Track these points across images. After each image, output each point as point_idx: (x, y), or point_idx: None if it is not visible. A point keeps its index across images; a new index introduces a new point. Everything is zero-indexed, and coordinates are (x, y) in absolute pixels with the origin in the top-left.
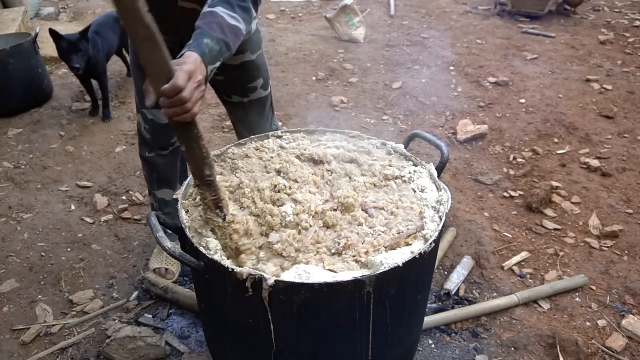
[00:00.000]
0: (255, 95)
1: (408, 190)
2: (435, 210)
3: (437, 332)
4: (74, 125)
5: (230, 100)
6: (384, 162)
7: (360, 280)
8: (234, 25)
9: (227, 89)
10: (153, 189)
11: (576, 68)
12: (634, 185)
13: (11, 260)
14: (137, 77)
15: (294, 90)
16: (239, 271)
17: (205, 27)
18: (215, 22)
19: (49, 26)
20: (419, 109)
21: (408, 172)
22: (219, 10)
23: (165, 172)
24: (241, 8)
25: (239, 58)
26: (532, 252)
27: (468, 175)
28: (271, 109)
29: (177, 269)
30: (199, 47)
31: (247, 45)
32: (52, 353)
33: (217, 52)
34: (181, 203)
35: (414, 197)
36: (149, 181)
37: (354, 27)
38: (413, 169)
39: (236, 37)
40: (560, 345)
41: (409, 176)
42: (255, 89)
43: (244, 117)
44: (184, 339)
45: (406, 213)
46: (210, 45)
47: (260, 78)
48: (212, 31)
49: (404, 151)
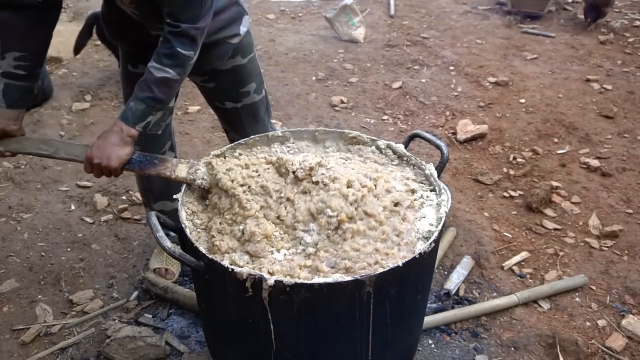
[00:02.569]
0: (249, 100)
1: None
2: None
3: (437, 332)
4: (74, 125)
5: (223, 106)
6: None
7: (360, 280)
8: (161, 78)
9: (220, 96)
10: (150, 204)
11: (576, 68)
12: (634, 185)
13: (11, 260)
14: (126, 85)
15: (294, 90)
16: (239, 271)
17: (136, 88)
18: (144, 81)
19: None
20: (419, 109)
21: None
22: (149, 66)
23: (160, 186)
24: (166, 56)
25: (229, 63)
26: (532, 252)
27: (468, 175)
28: (267, 112)
29: (177, 269)
30: (124, 113)
31: (238, 50)
32: (52, 353)
33: (143, 110)
34: (181, 203)
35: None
36: (144, 197)
37: (354, 27)
38: (426, 194)
39: (166, 86)
40: (560, 345)
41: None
42: (249, 93)
43: (238, 123)
44: (184, 339)
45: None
46: (134, 107)
47: (253, 82)
48: (140, 92)
49: (404, 151)
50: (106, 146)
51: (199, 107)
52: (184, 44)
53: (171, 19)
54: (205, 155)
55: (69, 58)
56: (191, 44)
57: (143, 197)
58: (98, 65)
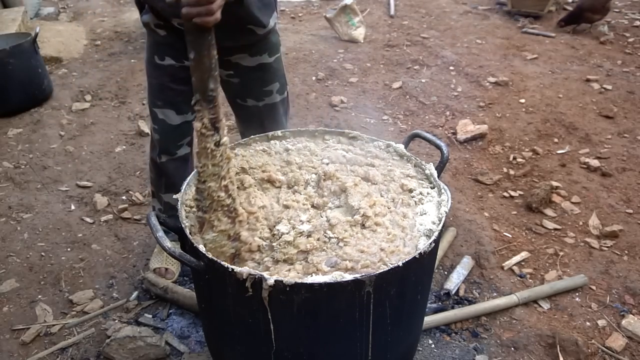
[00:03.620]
0: (271, 100)
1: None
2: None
3: (437, 332)
4: (74, 125)
5: (245, 104)
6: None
7: (360, 280)
8: None
9: (243, 92)
10: (160, 192)
11: (576, 68)
12: (634, 185)
13: (11, 260)
14: (151, 76)
15: (294, 90)
16: (239, 271)
17: None
18: None
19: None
20: (419, 109)
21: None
22: None
23: (174, 178)
24: None
25: (255, 60)
26: (532, 252)
27: (468, 175)
28: (285, 115)
29: (177, 269)
30: None
31: (265, 47)
32: (52, 353)
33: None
34: (181, 203)
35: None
36: (156, 184)
37: (354, 27)
38: (426, 190)
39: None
40: (560, 345)
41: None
42: (271, 92)
43: (258, 122)
44: (184, 339)
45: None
46: None
47: (277, 82)
48: None
49: (404, 151)
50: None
51: None
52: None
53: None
54: None
55: (69, 58)
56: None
57: (153, 186)
58: (98, 65)
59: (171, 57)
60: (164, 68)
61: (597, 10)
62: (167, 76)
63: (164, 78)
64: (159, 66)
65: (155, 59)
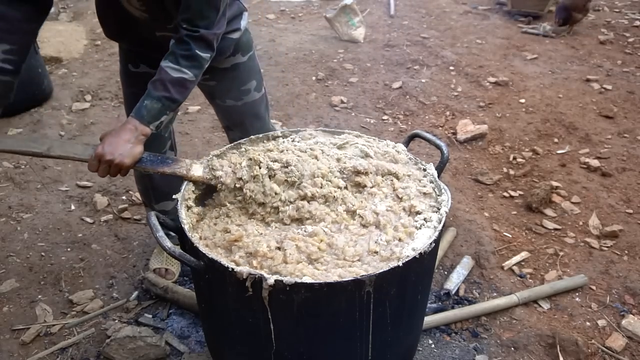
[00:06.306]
0: (250, 98)
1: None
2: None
3: (437, 332)
4: (74, 125)
5: (224, 104)
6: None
7: (360, 280)
8: (178, 78)
9: (221, 94)
10: (151, 204)
11: (576, 68)
12: (634, 185)
13: (11, 260)
14: (127, 85)
15: (294, 90)
16: (239, 271)
17: (150, 86)
18: (159, 79)
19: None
20: (419, 109)
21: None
22: (164, 66)
23: (163, 187)
24: (184, 57)
25: (230, 60)
26: (532, 252)
27: (468, 175)
28: (267, 110)
29: (177, 269)
30: (138, 110)
31: (237, 48)
32: (52, 353)
33: (159, 108)
34: (180, 202)
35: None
36: (145, 196)
37: (354, 27)
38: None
39: (182, 87)
40: (560, 345)
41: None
42: (249, 91)
43: (239, 121)
44: (184, 339)
45: None
46: (149, 106)
47: (254, 80)
48: (155, 90)
49: (404, 151)
50: (119, 143)
51: (199, 107)
52: (201, 47)
53: (188, 24)
54: (205, 156)
55: (69, 58)
56: (208, 47)
57: (144, 197)
58: (98, 65)
59: (146, 64)
60: (139, 76)
61: (579, 9)
62: (143, 84)
63: (140, 86)
64: (134, 74)
65: (129, 68)
